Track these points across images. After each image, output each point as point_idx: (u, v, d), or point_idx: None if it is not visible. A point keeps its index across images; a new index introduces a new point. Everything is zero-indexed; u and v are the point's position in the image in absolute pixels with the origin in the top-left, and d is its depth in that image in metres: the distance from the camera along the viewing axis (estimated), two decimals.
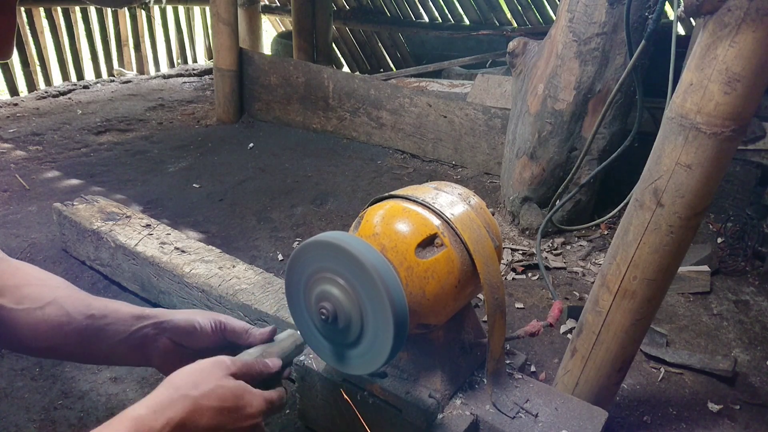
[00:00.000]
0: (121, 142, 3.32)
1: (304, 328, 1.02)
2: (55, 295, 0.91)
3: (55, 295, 0.91)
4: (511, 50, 2.32)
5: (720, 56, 0.88)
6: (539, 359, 1.60)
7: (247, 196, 2.62)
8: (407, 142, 3.24)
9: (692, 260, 2.00)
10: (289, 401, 0.93)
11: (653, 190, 1.02)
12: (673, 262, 1.06)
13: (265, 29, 6.12)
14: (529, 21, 5.06)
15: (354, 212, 2.47)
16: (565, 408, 1.08)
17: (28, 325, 0.89)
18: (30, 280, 0.93)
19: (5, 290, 0.90)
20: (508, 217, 2.40)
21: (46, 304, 0.90)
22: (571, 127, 2.16)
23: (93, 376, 1.41)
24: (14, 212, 2.32)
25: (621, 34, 1.98)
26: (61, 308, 0.90)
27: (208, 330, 0.94)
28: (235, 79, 3.64)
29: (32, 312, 0.89)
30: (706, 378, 1.56)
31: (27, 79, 4.43)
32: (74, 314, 0.91)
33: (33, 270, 0.97)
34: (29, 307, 0.89)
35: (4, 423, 1.26)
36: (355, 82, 3.37)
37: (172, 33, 5.73)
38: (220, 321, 0.96)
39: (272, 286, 1.48)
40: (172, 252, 1.64)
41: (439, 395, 1.06)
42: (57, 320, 0.90)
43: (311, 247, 0.94)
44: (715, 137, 0.92)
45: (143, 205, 2.48)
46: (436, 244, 1.00)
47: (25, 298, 0.90)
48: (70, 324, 0.90)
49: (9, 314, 0.89)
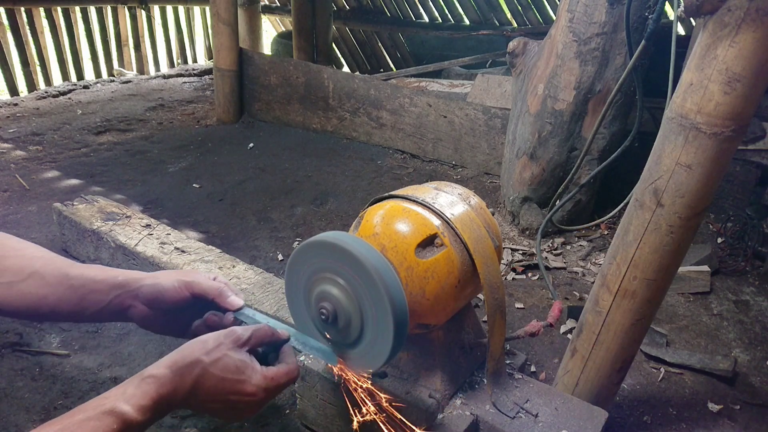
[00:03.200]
0: (121, 142, 3.32)
1: (304, 328, 1.02)
2: (34, 267, 0.94)
3: (34, 267, 0.94)
4: (511, 50, 2.32)
5: (720, 56, 0.88)
6: (539, 359, 1.60)
7: (247, 196, 2.62)
8: (407, 142, 3.24)
9: (692, 260, 2.00)
10: (297, 380, 0.96)
11: (653, 190, 1.02)
12: (673, 262, 1.06)
13: (265, 29, 6.12)
14: (529, 21, 5.06)
15: (354, 212, 2.47)
16: (565, 408, 1.08)
17: (11, 296, 0.92)
18: (8, 252, 0.95)
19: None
20: (508, 217, 2.40)
21: (28, 276, 0.93)
22: (571, 127, 2.16)
23: (93, 376, 1.41)
24: (14, 212, 2.32)
25: (621, 34, 1.98)
26: (42, 279, 0.94)
27: (171, 292, 0.97)
28: (235, 79, 3.64)
29: (14, 285, 0.92)
30: (706, 378, 1.56)
31: (27, 79, 4.43)
32: (55, 285, 0.94)
33: (9, 240, 0.99)
34: (11, 280, 0.92)
35: (4, 423, 1.26)
36: (355, 82, 3.37)
37: (172, 33, 5.73)
38: (185, 281, 0.98)
39: (272, 286, 1.48)
40: (172, 252, 1.64)
41: (439, 395, 1.06)
42: (39, 292, 0.93)
43: (311, 247, 0.94)
44: (715, 137, 0.92)
45: (143, 205, 2.48)
46: (436, 244, 1.00)
47: (5, 270, 0.93)
48: (53, 295, 0.94)
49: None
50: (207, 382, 0.81)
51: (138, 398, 0.74)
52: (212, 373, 0.81)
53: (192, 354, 0.81)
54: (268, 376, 0.85)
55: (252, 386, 0.83)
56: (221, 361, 0.82)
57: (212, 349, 0.82)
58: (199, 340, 0.84)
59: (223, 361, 0.82)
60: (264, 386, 0.84)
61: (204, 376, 0.80)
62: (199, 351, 0.82)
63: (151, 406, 0.75)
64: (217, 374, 0.81)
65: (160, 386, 0.77)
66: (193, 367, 0.80)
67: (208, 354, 0.82)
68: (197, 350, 0.82)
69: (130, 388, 0.76)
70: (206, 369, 0.80)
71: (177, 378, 0.78)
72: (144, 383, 0.76)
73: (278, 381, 0.86)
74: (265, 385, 0.85)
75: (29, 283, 0.93)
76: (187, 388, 0.79)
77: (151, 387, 0.76)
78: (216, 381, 0.81)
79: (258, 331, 0.89)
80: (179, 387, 0.78)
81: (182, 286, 0.97)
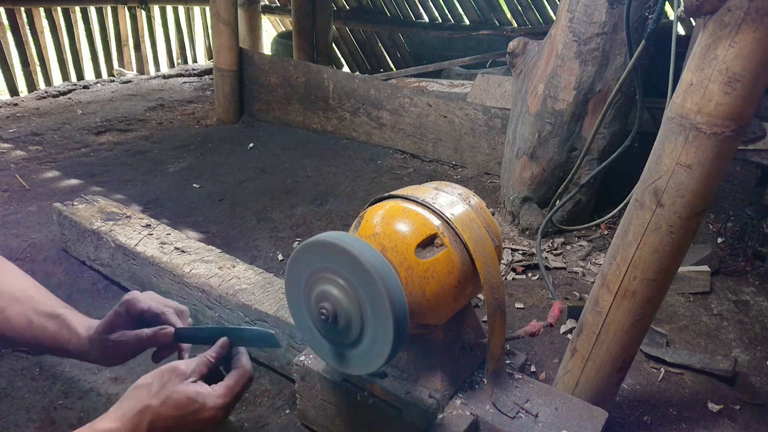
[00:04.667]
0: (121, 142, 3.32)
1: (304, 328, 1.02)
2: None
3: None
4: (511, 50, 2.32)
5: (720, 56, 0.88)
6: (539, 359, 1.60)
7: (247, 196, 2.62)
8: (407, 142, 3.24)
9: (692, 260, 2.00)
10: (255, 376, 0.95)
11: (653, 190, 1.02)
12: (673, 262, 1.06)
13: (265, 29, 6.12)
14: (529, 21, 5.06)
15: (354, 212, 2.47)
16: (565, 408, 1.08)
17: None
18: None
19: None
20: (508, 217, 2.40)
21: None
22: (571, 127, 2.16)
23: (93, 376, 1.41)
24: (14, 212, 2.32)
25: (621, 34, 1.98)
26: None
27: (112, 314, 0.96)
28: (235, 79, 3.64)
29: None
30: (706, 378, 1.55)
31: (27, 79, 4.43)
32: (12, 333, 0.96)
33: None
34: None
35: (4, 423, 1.26)
36: (355, 82, 3.37)
37: (172, 33, 5.73)
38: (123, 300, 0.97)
39: (272, 286, 1.48)
40: (172, 252, 1.64)
41: (439, 395, 1.06)
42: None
43: (311, 247, 0.94)
44: (715, 137, 0.92)
45: (143, 205, 2.48)
46: (436, 244, 1.00)
47: None
48: None
49: None
50: (162, 423, 0.79)
51: None
52: (165, 414, 0.79)
53: (139, 401, 0.79)
54: (222, 393, 0.84)
55: (209, 409, 0.82)
56: (171, 399, 0.80)
57: (158, 390, 0.81)
58: (142, 384, 0.82)
59: (172, 399, 0.80)
60: (222, 404, 0.84)
61: (157, 421, 0.79)
62: (146, 396, 0.80)
63: None
64: (170, 414, 0.79)
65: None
66: (144, 415, 0.78)
67: (155, 396, 0.80)
68: (143, 396, 0.80)
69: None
70: (158, 412, 0.79)
71: (130, 430, 0.77)
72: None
73: (234, 391, 0.86)
74: (222, 402, 0.84)
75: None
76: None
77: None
78: (171, 421, 0.80)
79: (200, 365, 0.87)
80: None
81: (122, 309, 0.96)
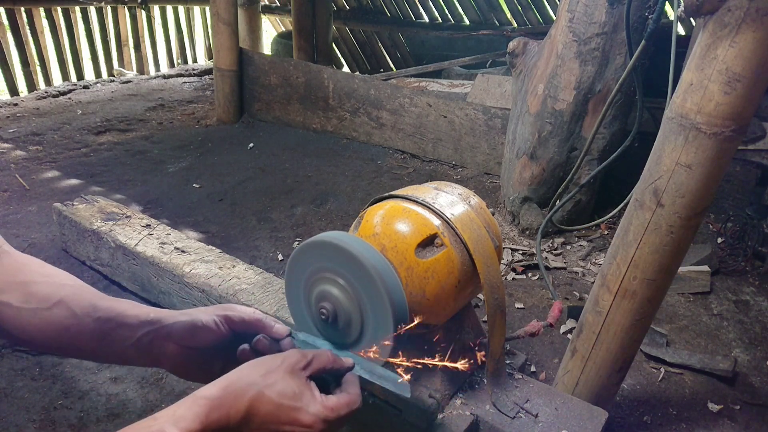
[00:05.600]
0: (121, 142, 3.32)
1: (304, 328, 1.02)
2: (61, 295, 0.89)
3: (61, 295, 0.89)
4: (511, 50, 2.32)
5: (720, 56, 0.88)
6: (539, 359, 1.60)
7: (247, 196, 2.62)
8: (407, 142, 3.24)
9: (692, 260, 2.00)
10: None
11: (653, 190, 1.02)
12: (673, 262, 1.06)
13: (265, 29, 6.12)
14: (529, 21, 5.06)
15: (354, 212, 2.47)
16: (565, 408, 1.08)
17: (35, 324, 0.87)
18: (36, 277, 0.90)
19: (11, 287, 0.88)
20: (508, 217, 2.40)
21: (54, 305, 0.88)
22: (571, 127, 2.16)
23: (93, 376, 1.41)
24: (14, 212, 2.32)
25: (621, 34, 1.98)
26: (68, 309, 0.88)
27: (212, 327, 0.91)
28: (235, 79, 3.64)
29: (39, 312, 0.87)
30: (706, 378, 1.55)
31: (27, 79, 4.43)
32: (81, 316, 0.89)
33: (38, 266, 0.95)
34: (36, 307, 0.87)
35: (4, 423, 1.26)
36: (355, 82, 3.36)
37: (172, 33, 5.73)
38: (226, 315, 0.92)
39: (272, 286, 1.48)
40: (172, 252, 1.64)
41: (439, 395, 1.06)
42: (65, 322, 0.88)
43: (311, 247, 0.94)
44: (715, 137, 0.92)
45: (143, 205, 2.48)
46: (436, 244, 1.00)
47: (32, 296, 0.88)
48: (78, 326, 0.88)
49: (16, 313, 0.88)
50: (262, 406, 0.74)
51: (188, 421, 0.69)
52: (268, 396, 0.74)
53: (248, 375, 0.76)
54: (328, 405, 0.78)
55: (309, 416, 0.76)
56: (278, 385, 0.75)
57: (268, 371, 0.76)
58: (254, 361, 0.78)
59: (279, 385, 0.75)
60: (323, 417, 0.77)
61: (259, 400, 0.74)
62: (255, 372, 0.76)
63: (201, 430, 0.69)
64: (273, 399, 0.75)
65: (211, 409, 0.71)
66: (248, 389, 0.74)
67: (264, 376, 0.75)
68: (253, 372, 0.76)
69: (181, 409, 0.70)
70: (262, 392, 0.74)
71: (230, 400, 0.73)
72: (196, 405, 0.71)
73: (339, 412, 0.79)
74: (324, 415, 0.77)
75: (54, 311, 0.87)
76: (241, 412, 0.73)
77: (202, 409, 0.70)
78: (272, 407, 0.75)
79: (319, 357, 0.82)
80: (232, 411, 0.73)
81: (221, 321, 0.91)
